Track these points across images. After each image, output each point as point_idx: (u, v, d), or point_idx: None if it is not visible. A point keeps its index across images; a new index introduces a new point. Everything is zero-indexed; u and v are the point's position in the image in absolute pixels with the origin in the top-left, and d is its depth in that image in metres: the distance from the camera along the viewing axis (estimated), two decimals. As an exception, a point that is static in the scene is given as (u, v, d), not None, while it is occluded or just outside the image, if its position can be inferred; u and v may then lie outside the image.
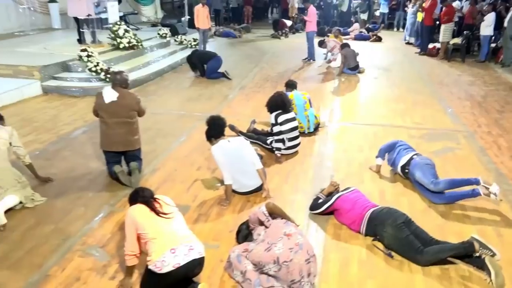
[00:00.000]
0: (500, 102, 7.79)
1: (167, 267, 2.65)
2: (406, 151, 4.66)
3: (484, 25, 11.04)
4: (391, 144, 4.83)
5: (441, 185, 4.13)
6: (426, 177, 4.23)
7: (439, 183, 4.15)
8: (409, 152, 4.63)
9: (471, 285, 3.11)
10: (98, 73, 8.10)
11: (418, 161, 4.42)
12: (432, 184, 4.16)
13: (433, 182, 4.17)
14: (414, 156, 4.53)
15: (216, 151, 4.15)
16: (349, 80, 9.44)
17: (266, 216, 3.29)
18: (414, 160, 4.47)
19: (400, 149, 4.71)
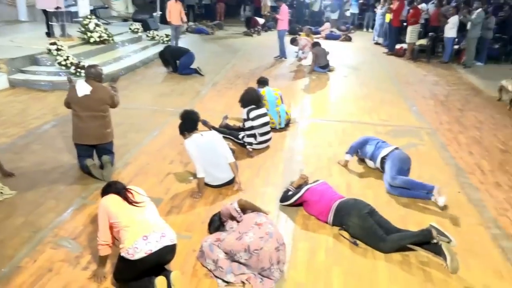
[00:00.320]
0: (461, 101, 8.18)
1: (139, 253, 2.73)
2: (385, 144, 4.88)
3: (448, 28, 11.49)
4: (362, 141, 5.02)
5: (398, 181, 4.38)
6: (391, 170, 4.47)
7: (396, 179, 4.39)
8: (388, 145, 4.84)
9: (429, 270, 3.33)
10: (68, 67, 7.99)
11: (396, 154, 4.63)
12: (391, 179, 4.41)
13: (392, 176, 4.41)
14: (395, 150, 4.74)
15: (189, 145, 4.23)
16: (320, 78, 9.66)
17: (238, 212, 3.39)
18: (393, 152, 4.68)
19: (378, 143, 4.91)
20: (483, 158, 5.52)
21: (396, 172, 4.45)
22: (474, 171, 5.13)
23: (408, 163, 4.66)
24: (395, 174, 4.43)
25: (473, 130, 6.59)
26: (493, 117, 7.27)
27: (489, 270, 3.37)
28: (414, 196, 4.35)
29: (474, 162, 5.38)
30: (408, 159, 4.70)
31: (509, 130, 6.64)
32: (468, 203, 4.37)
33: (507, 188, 4.73)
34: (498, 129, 6.64)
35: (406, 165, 4.62)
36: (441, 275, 3.27)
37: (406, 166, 4.61)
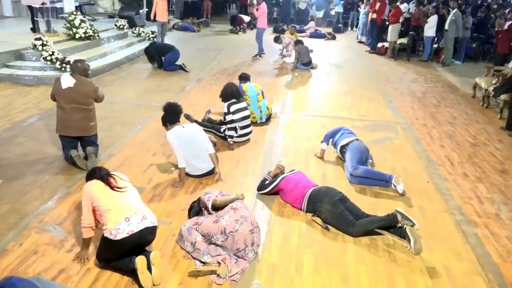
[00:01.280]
0: (437, 98, 8.48)
1: (121, 234, 2.90)
2: (349, 134, 5.12)
3: (427, 27, 11.83)
4: (335, 129, 5.27)
5: (359, 171, 4.64)
6: (352, 160, 4.74)
7: (358, 168, 4.65)
8: (351, 136, 5.09)
9: (394, 252, 3.56)
10: (53, 62, 8.08)
11: (356, 144, 4.88)
12: (352, 168, 4.67)
13: (353, 166, 4.68)
14: (355, 140, 4.99)
15: (170, 136, 4.40)
16: (302, 75, 9.89)
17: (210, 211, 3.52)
18: (353, 142, 4.93)
19: (344, 133, 5.16)
20: (453, 151, 5.80)
21: (357, 162, 4.71)
22: (444, 163, 5.40)
23: (366, 153, 4.92)
24: (356, 164, 4.69)
25: (447, 125, 6.87)
26: (466, 113, 7.57)
27: (450, 252, 3.62)
28: (373, 184, 4.60)
29: (444, 155, 5.66)
30: (367, 150, 4.96)
31: (480, 125, 6.94)
32: (435, 192, 4.63)
33: (473, 179, 5.01)
34: (470, 124, 6.94)
35: (365, 155, 4.88)
36: (405, 256, 3.50)
37: (364, 156, 4.86)
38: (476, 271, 3.39)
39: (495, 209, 4.34)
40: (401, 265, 3.40)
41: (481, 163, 5.44)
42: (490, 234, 3.91)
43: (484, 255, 3.60)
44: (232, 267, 3.17)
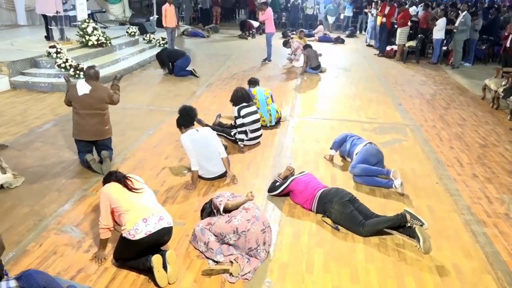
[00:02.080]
0: (446, 100, 8.50)
1: (139, 234, 3.01)
2: (359, 140, 5.18)
3: (436, 30, 11.84)
4: (342, 137, 5.30)
5: (357, 169, 4.73)
6: (354, 160, 4.84)
7: (355, 167, 4.75)
8: (361, 141, 5.14)
9: (404, 251, 3.62)
10: (67, 69, 8.27)
11: (366, 147, 4.94)
12: (351, 167, 4.79)
13: (352, 165, 4.79)
14: (367, 144, 5.04)
15: (184, 139, 4.52)
16: (311, 78, 9.97)
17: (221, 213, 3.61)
18: (365, 146, 4.98)
19: (353, 140, 5.21)
20: (462, 152, 5.83)
21: (358, 162, 4.78)
22: (453, 164, 5.43)
23: (376, 156, 4.89)
24: (355, 163, 4.77)
25: (456, 126, 6.90)
26: (476, 114, 7.59)
27: (459, 251, 3.66)
28: (377, 184, 4.67)
29: (453, 156, 5.69)
30: (378, 152, 4.96)
31: (490, 126, 6.96)
32: (444, 193, 4.67)
33: (483, 179, 5.04)
34: (479, 126, 6.96)
35: (374, 158, 4.85)
36: (415, 255, 3.56)
37: (373, 159, 4.84)
38: (486, 269, 3.43)
39: (505, 209, 4.37)
40: (410, 264, 3.46)
41: (490, 164, 5.46)
42: (499, 233, 3.94)
43: (494, 253, 3.64)
44: (244, 266, 3.26)
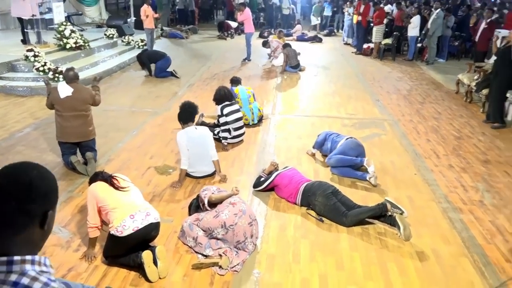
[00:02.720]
0: (422, 95, 8.76)
1: (127, 230, 3.07)
2: (339, 137, 5.30)
3: (410, 27, 12.15)
4: (322, 137, 5.39)
5: (332, 160, 4.92)
6: (332, 152, 5.01)
7: (330, 158, 4.94)
8: (342, 137, 5.27)
9: (386, 239, 3.77)
10: (46, 72, 8.19)
11: (346, 142, 5.08)
12: (327, 159, 4.99)
13: (328, 157, 4.99)
14: (348, 139, 5.17)
15: (180, 136, 4.58)
16: (291, 77, 10.12)
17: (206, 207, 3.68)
18: (345, 141, 5.12)
19: (333, 138, 5.33)
20: (439, 144, 6.05)
21: (334, 154, 4.95)
22: (430, 156, 5.64)
23: (355, 149, 5.00)
24: (331, 155, 4.95)
25: (432, 120, 7.13)
26: (450, 108, 7.85)
27: (438, 237, 3.83)
28: (352, 176, 4.83)
29: (430, 148, 5.90)
30: (358, 146, 5.08)
31: (464, 119, 7.22)
32: (423, 183, 4.86)
33: (458, 169, 5.25)
34: (454, 119, 7.21)
35: (352, 151, 4.96)
36: (396, 243, 3.71)
37: (351, 152, 4.95)
38: (463, 253, 3.61)
39: (479, 196, 4.58)
40: (392, 251, 3.61)
41: (465, 155, 5.69)
42: (475, 219, 4.14)
43: (470, 238, 3.82)
44: (233, 258, 3.35)
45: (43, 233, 1.26)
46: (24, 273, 1.16)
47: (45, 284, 1.17)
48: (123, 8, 19.04)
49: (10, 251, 1.18)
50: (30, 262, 1.18)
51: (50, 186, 1.27)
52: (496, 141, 6.22)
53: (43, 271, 1.20)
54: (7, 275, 1.15)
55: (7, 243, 1.20)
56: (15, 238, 1.20)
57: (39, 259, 1.21)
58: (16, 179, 1.20)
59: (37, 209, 1.21)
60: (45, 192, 1.24)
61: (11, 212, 1.18)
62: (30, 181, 1.21)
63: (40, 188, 1.23)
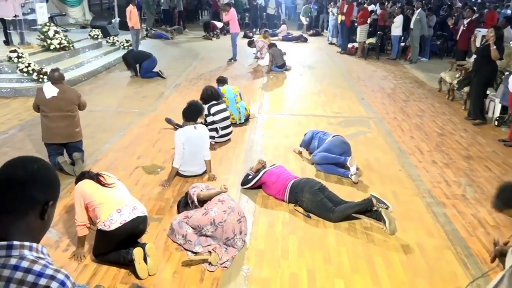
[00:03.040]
0: (406, 93, 8.91)
1: (115, 224, 3.09)
2: (325, 135, 5.38)
3: (394, 26, 12.34)
4: (310, 135, 5.48)
5: (316, 157, 5.02)
6: (318, 149, 5.09)
7: (315, 155, 5.04)
8: (328, 135, 5.35)
9: (372, 233, 3.85)
10: (30, 73, 8.11)
11: (332, 140, 5.16)
12: (312, 156, 5.07)
13: (313, 154, 5.07)
14: (334, 137, 5.26)
15: (179, 135, 4.61)
16: (277, 77, 10.19)
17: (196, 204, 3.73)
18: (331, 139, 5.20)
19: (320, 136, 5.41)
20: (422, 141, 6.17)
21: (319, 151, 5.03)
22: (414, 152, 5.76)
23: (340, 147, 5.08)
24: (316, 152, 5.03)
25: (415, 117, 7.27)
26: (433, 105, 8.01)
27: (422, 230, 3.93)
28: (336, 173, 4.93)
29: (414, 145, 6.02)
30: (343, 143, 5.17)
31: (446, 116, 7.37)
32: (407, 179, 4.97)
33: (441, 165, 5.37)
34: (437, 116, 7.37)
35: (337, 149, 5.05)
36: (382, 237, 3.80)
37: (336, 150, 5.04)
38: (446, 246, 3.71)
39: (462, 191, 4.70)
40: (378, 245, 3.69)
41: (448, 151, 5.82)
42: (458, 213, 4.25)
43: (453, 231, 3.93)
44: (222, 255, 3.39)
45: (43, 224, 1.32)
46: (23, 257, 1.22)
47: (45, 265, 1.23)
48: (107, 9, 18.89)
49: (10, 236, 1.24)
50: (28, 248, 1.25)
51: (54, 176, 1.35)
52: (477, 137, 6.38)
53: (41, 257, 1.26)
54: (7, 259, 1.20)
55: (8, 228, 1.25)
56: (16, 224, 1.26)
57: (36, 246, 1.27)
58: (23, 167, 1.29)
59: (40, 197, 1.28)
60: (48, 181, 1.31)
61: (15, 197, 1.25)
62: (36, 169, 1.29)
63: (45, 177, 1.31)
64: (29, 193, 1.26)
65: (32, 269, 1.20)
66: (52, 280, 1.21)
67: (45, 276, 1.20)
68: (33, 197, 1.27)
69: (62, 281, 1.23)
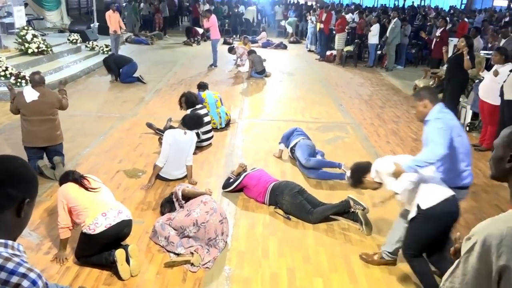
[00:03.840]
0: (382, 100, 9.17)
1: (100, 227, 3.13)
2: (298, 136, 5.53)
3: (370, 35, 12.68)
4: (291, 130, 5.67)
5: (312, 162, 5.10)
6: (303, 154, 5.16)
7: (309, 160, 5.11)
8: (299, 136, 5.50)
9: (349, 234, 3.99)
10: (7, 77, 8.01)
11: (302, 142, 5.31)
12: (305, 161, 5.11)
13: (306, 159, 5.12)
14: (301, 140, 5.41)
15: (167, 136, 4.71)
16: (257, 83, 10.33)
17: (180, 200, 3.84)
18: (299, 142, 5.36)
19: (295, 134, 5.57)
20: (398, 146, 6.39)
21: (308, 155, 5.15)
22: (390, 157, 5.94)
23: (314, 149, 5.34)
24: (307, 156, 5.12)
25: (391, 123, 7.51)
26: (408, 112, 8.27)
27: (397, 231, 4.08)
28: (330, 177, 5.05)
29: (390, 149, 6.22)
30: (314, 146, 5.41)
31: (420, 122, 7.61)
32: (383, 182, 5.13)
33: (415, 169, 5.56)
34: (412, 122, 7.61)
35: (314, 150, 5.30)
36: (358, 237, 3.94)
37: (312, 150, 5.27)
38: (419, 245, 3.87)
39: (434, 193, 4.89)
40: (355, 244, 3.83)
41: (422, 155, 6.03)
42: (430, 214, 4.42)
43: (426, 231, 4.09)
44: (204, 256, 3.46)
45: (19, 222, 1.34)
46: None
47: (18, 263, 1.24)
48: (85, 13, 18.72)
49: None
50: (3, 245, 1.26)
51: (31, 175, 1.38)
52: (450, 142, 6.62)
53: (16, 254, 1.27)
54: None
55: None
56: None
57: (12, 244, 1.28)
58: (3, 165, 1.32)
59: (17, 194, 1.30)
60: (26, 180, 1.34)
61: None
62: (14, 168, 1.33)
63: (22, 175, 1.34)
64: (5, 192, 1.28)
65: (5, 266, 1.21)
66: (23, 278, 1.22)
67: (17, 274, 1.22)
68: (9, 195, 1.28)
69: (34, 280, 1.24)
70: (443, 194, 2.96)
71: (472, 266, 1.33)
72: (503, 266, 1.29)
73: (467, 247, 1.36)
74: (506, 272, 1.29)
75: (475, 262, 1.33)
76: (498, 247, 1.29)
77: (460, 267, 1.38)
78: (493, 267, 1.30)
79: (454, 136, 3.15)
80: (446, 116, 3.20)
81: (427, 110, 3.23)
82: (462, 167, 3.25)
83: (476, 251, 1.33)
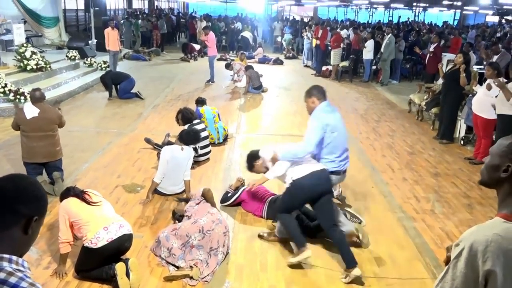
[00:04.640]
0: (377, 114, 9.29)
1: (101, 241, 3.16)
2: None
3: (366, 51, 12.88)
4: None
5: None
6: None
7: None
8: None
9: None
10: (6, 94, 8.08)
11: None
12: None
13: None
14: None
15: (165, 152, 4.78)
16: (254, 98, 10.44)
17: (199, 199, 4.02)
18: None
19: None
20: (393, 159, 6.47)
21: None
22: (386, 170, 6.02)
23: None
24: None
25: (387, 137, 7.60)
26: (403, 126, 8.38)
27: (394, 243, 4.14)
28: None
29: (386, 163, 6.30)
30: None
31: (416, 136, 7.73)
32: (379, 195, 5.20)
33: (411, 182, 5.64)
34: (407, 136, 7.72)
35: None
36: (356, 250, 3.95)
37: None
38: (416, 257, 3.92)
39: (430, 206, 4.97)
40: (352, 257, 3.86)
41: (417, 168, 6.12)
42: (427, 226, 4.49)
43: (422, 244, 4.15)
44: (203, 269, 3.49)
45: (26, 239, 1.36)
46: (1, 269, 1.25)
47: (21, 278, 1.26)
48: (83, 30, 18.91)
49: None
50: (8, 260, 1.28)
51: (40, 194, 1.41)
52: (445, 155, 6.72)
53: (20, 270, 1.30)
54: None
55: None
56: None
57: (16, 259, 1.31)
58: (14, 183, 1.37)
59: (25, 211, 1.33)
60: (35, 198, 1.38)
61: (1, 209, 1.31)
62: (25, 186, 1.37)
63: (31, 193, 1.38)
64: (14, 208, 1.31)
65: (8, 280, 1.23)
66: None
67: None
68: (18, 212, 1.32)
69: None
70: (311, 168, 3.65)
71: (461, 271, 1.39)
72: (489, 270, 1.35)
73: (456, 252, 1.42)
74: (491, 276, 1.35)
75: (463, 267, 1.39)
76: (484, 252, 1.35)
77: (449, 272, 1.44)
78: (480, 272, 1.36)
79: (328, 133, 3.88)
80: (323, 115, 3.89)
81: (315, 105, 3.99)
82: (332, 158, 4.01)
83: (463, 257, 1.39)
